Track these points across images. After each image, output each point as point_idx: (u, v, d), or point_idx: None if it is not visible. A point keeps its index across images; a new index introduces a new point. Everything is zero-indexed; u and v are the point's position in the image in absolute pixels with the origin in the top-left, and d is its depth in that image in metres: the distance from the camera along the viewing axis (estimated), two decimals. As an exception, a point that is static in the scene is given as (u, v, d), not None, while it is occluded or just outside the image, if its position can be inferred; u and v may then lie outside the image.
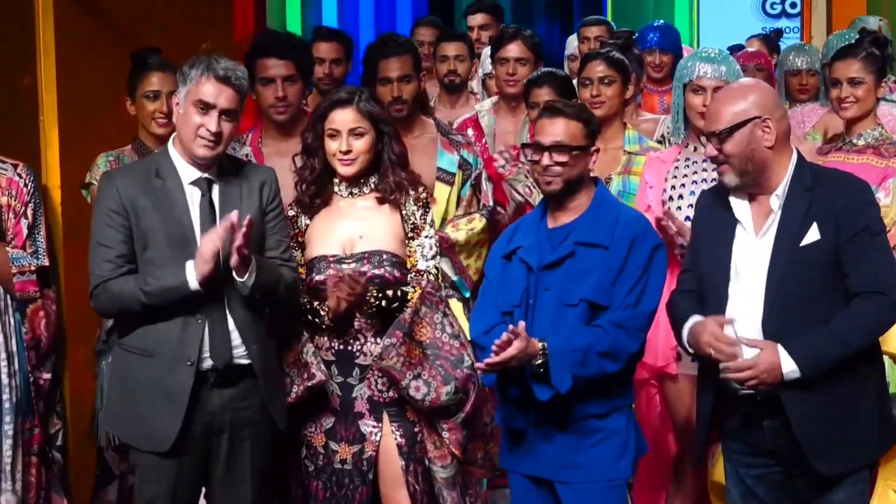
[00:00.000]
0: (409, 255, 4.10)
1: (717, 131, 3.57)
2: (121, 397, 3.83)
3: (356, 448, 4.04)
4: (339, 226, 4.09)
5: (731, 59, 4.56)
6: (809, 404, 3.52)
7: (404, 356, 3.92)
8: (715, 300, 3.62)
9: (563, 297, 3.76)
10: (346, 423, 4.05)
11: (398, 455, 4.02)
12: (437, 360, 3.96)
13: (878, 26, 6.34)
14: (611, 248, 3.77)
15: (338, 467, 4.05)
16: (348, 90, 4.14)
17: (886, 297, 3.50)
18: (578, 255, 3.78)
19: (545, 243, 3.84)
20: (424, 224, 4.13)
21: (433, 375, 3.95)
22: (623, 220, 3.82)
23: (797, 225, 3.54)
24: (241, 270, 3.70)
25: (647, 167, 4.63)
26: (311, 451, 4.08)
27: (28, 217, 4.43)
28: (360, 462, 4.04)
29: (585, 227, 3.83)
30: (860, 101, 4.61)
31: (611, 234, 3.78)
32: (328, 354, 4.05)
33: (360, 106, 4.05)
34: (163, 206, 3.77)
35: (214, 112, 3.74)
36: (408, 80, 4.96)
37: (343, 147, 4.03)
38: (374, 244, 4.05)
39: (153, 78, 4.76)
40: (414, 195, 4.12)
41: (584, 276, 3.76)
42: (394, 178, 4.09)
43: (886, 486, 3.83)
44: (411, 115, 4.99)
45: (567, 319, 3.73)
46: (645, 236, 3.81)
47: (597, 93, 4.80)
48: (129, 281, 3.72)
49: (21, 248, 4.42)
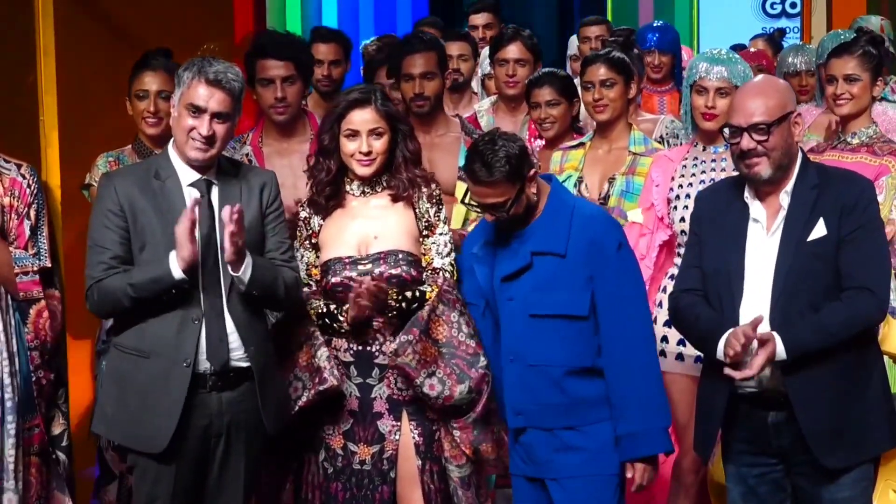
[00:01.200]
0: (423, 253, 4.07)
1: (758, 123, 3.58)
2: (115, 398, 3.83)
3: (375, 448, 4.02)
4: (353, 226, 4.06)
5: (737, 60, 4.54)
6: (816, 398, 3.55)
7: (420, 354, 3.90)
8: (729, 297, 3.64)
9: (528, 309, 3.80)
10: (364, 424, 4.03)
11: (415, 454, 4.00)
12: (453, 360, 3.94)
13: (881, 26, 6.35)
14: (567, 256, 3.78)
15: (357, 468, 4.02)
16: (362, 89, 4.11)
17: (872, 293, 3.55)
18: (536, 266, 3.81)
19: (502, 250, 3.88)
20: (438, 221, 4.09)
21: (448, 374, 3.92)
22: (577, 223, 3.82)
23: (804, 220, 3.58)
24: (236, 265, 3.70)
25: (655, 165, 4.64)
26: (330, 453, 4.05)
27: (31, 218, 4.43)
28: (381, 462, 4.01)
29: (540, 232, 3.84)
30: (855, 97, 4.63)
31: (565, 240, 3.79)
32: (347, 356, 4.02)
33: (379, 106, 4.02)
34: (162, 208, 3.77)
35: (206, 115, 3.74)
36: (431, 77, 4.97)
37: (363, 148, 3.99)
38: (389, 243, 4.02)
39: (145, 77, 4.76)
40: (427, 192, 4.08)
41: (547, 287, 3.79)
42: (407, 174, 4.06)
43: (887, 485, 3.84)
44: (434, 112, 4.99)
45: (541, 332, 3.78)
46: (602, 239, 3.80)
47: (599, 97, 4.79)
48: (117, 278, 3.73)
49: (23, 249, 4.41)
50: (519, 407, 3.86)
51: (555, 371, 3.80)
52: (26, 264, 4.40)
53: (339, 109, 4.04)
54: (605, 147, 4.85)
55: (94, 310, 3.88)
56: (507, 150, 3.77)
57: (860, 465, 3.62)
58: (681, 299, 3.77)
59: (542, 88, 5.05)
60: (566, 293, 3.78)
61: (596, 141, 4.88)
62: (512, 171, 3.76)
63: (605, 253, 3.79)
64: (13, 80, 5.04)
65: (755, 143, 3.59)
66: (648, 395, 3.78)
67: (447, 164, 4.89)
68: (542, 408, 3.82)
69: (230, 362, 3.79)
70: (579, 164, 4.83)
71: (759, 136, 3.59)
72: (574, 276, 3.78)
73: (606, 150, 4.84)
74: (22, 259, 4.39)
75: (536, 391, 3.83)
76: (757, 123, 3.59)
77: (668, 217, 4.53)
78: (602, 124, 4.84)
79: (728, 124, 3.68)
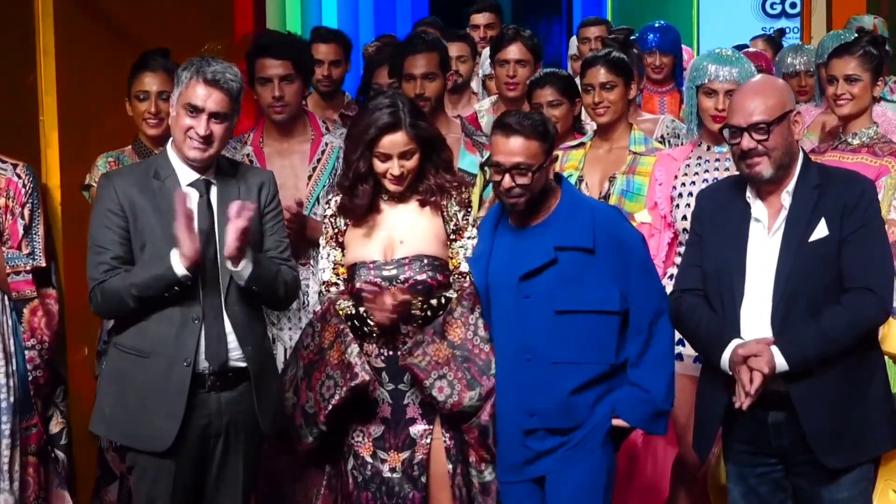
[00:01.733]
0: (451, 258, 4.03)
1: (758, 123, 3.58)
2: (114, 398, 3.82)
3: (406, 454, 3.98)
4: (380, 230, 4.03)
5: (744, 60, 4.53)
6: (817, 397, 3.55)
7: (431, 355, 3.88)
8: (730, 297, 3.63)
9: (553, 305, 3.77)
10: (395, 430, 3.99)
11: (446, 458, 3.97)
12: (465, 363, 3.89)
13: (874, 24, 6.35)
14: (596, 252, 3.77)
15: (387, 476, 3.98)
16: (390, 108, 3.98)
17: (874, 293, 3.54)
18: (561, 262, 3.78)
19: (513, 246, 3.85)
20: (467, 225, 4.05)
21: (458, 378, 3.88)
22: (600, 220, 3.82)
23: (806, 220, 3.58)
24: (235, 260, 3.70)
25: (658, 164, 4.63)
26: (359, 461, 4.00)
27: (24, 217, 4.42)
28: (411, 468, 3.97)
29: (560, 227, 3.81)
30: (856, 98, 4.63)
31: (591, 235, 3.78)
32: (378, 361, 3.99)
33: (408, 128, 3.96)
34: (161, 207, 3.77)
35: (203, 115, 3.74)
36: (432, 78, 4.99)
37: (395, 171, 3.96)
38: (415, 248, 3.99)
39: (145, 78, 4.75)
40: (457, 197, 4.05)
41: (575, 282, 3.77)
42: (436, 180, 4.02)
43: (887, 485, 3.83)
44: (434, 112, 4.99)
45: (566, 329, 3.76)
46: (628, 234, 3.84)
47: (599, 99, 4.78)
48: (120, 278, 3.73)
49: (17, 249, 4.41)
50: (535, 408, 3.81)
51: (584, 368, 3.78)
52: (18, 264, 4.40)
53: (371, 136, 3.97)
54: (606, 147, 4.85)
55: (98, 311, 3.88)
56: (542, 116, 3.93)
57: (860, 466, 3.62)
58: (682, 301, 3.77)
59: (544, 89, 5.03)
60: (596, 288, 3.76)
61: (596, 141, 4.88)
62: (545, 132, 3.79)
63: (632, 248, 3.80)
64: (13, 80, 5.04)
65: (755, 143, 3.59)
66: (669, 373, 3.84)
67: None
68: (563, 407, 3.78)
69: (228, 362, 3.79)
70: (579, 163, 4.82)
71: (759, 136, 3.59)
72: (603, 271, 3.76)
73: (607, 149, 4.84)
74: (14, 259, 4.38)
75: (559, 390, 3.78)
76: (757, 123, 3.59)
77: (671, 216, 4.53)
78: (602, 126, 4.84)
79: (728, 124, 3.67)
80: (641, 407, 3.81)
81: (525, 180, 3.77)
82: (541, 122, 3.84)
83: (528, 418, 3.82)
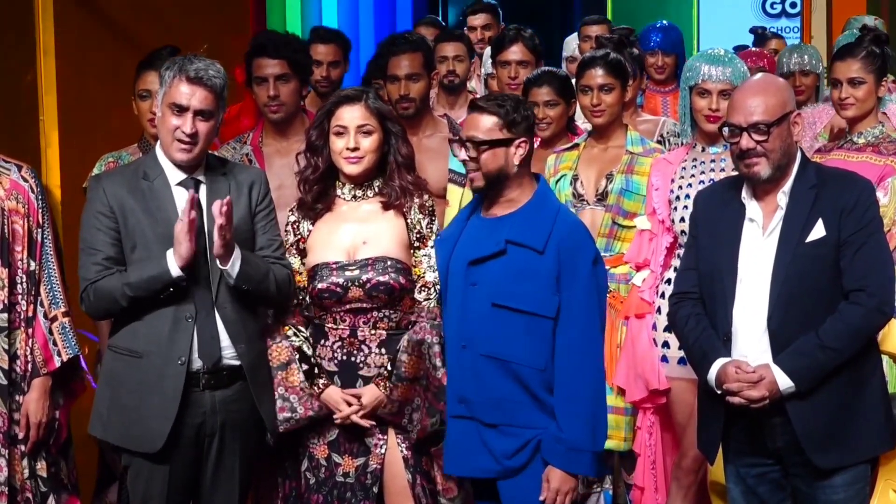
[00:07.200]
0: (414, 265, 3.99)
1: (758, 123, 3.56)
2: (110, 399, 3.83)
3: (360, 461, 3.95)
4: (342, 231, 3.99)
5: (737, 60, 4.53)
6: (810, 399, 3.53)
7: (398, 400, 3.88)
8: (722, 299, 3.62)
9: (492, 297, 3.72)
10: (350, 435, 3.97)
11: (404, 468, 3.94)
12: (426, 391, 3.90)
13: (874, 25, 6.33)
14: (545, 253, 3.70)
15: (340, 480, 3.95)
16: (355, 88, 4.08)
17: (873, 297, 3.51)
18: (509, 255, 3.73)
19: (475, 234, 3.81)
20: (431, 233, 4.01)
21: (422, 406, 3.90)
22: (560, 226, 3.74)
23: (802, 221, 3.56)
24: (224, 258, 3.70)
25: (654, 169, 4.62)
26: (313, 462, 3.99)
27: (48, 241, 4.39)
28: (364, 476, 3.94)
29: (519, 223, 3.76)
30: (860, 101, 4.61)
31: (545, 238, 3.72)
32: (331, 365, 3.96)
33: (369, 103, 3.96)
34: (150, 208, 3.79)
35: (188, 113, 3.75)
36: (416, 79, 4.96)
37: (350, 144, 3.93)
38: (378, 250, 3.95)
39: (147, 77, 4.73)
40: (419, 202, 4.01)
41: (517, 279, 3.71)
42: (399, 181, 3.99)
43: (887, 485, 3.83)
44: (420, 113, 4.98)
45: (502, 324, 3.70)
46: (582, 247, 3.74)
47: (597, 101, 4.77)
48: (113, 278, 3.74)
49: (33, 259, 4.38)
50: (464, 395, 3.76)
51: (511, 366, 3.71)
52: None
53: (329, 106, 4.00)
54: (601, 146, 4.84)
55: (89, 311, 3.88)
56: (517, 99, 3.87)
57: (855, 467, 3.60)
58: (679, 309, 3.75)
59: (541, 88, 5.01)
60: (536, 290, 3.69)
61: (591, 141, 4.87)
62: (505, 112, 3.74)
63: (580, 262, 3.71)
64: (13, 80, 5.04)
65: (754, 143, 3.57)
66: (586, 411, 3.68)
67: (436, 166, 4.89)
68: (490, 401, 3.72)
69: (222, 360, 3.80)
70: (573, 164, 4.82)
71: (759, 136, 3.57)
72: (546, 276, 3.69)
73: (602, 148, 4.83)
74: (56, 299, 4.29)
75: (487, 382, 3.73)
76: (757, 123, 3.57)
77: (669, 219, 4.53)
78: (598, 127, 4.84)
79: (727, 123, 3.66)
80: (557, 446, 3.69)
81: (473, 153, 3.75)
82: (509, 98, 3.81)
83: (457, 404, 3.78)
